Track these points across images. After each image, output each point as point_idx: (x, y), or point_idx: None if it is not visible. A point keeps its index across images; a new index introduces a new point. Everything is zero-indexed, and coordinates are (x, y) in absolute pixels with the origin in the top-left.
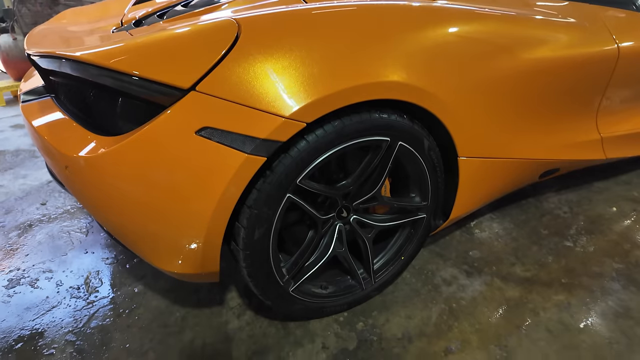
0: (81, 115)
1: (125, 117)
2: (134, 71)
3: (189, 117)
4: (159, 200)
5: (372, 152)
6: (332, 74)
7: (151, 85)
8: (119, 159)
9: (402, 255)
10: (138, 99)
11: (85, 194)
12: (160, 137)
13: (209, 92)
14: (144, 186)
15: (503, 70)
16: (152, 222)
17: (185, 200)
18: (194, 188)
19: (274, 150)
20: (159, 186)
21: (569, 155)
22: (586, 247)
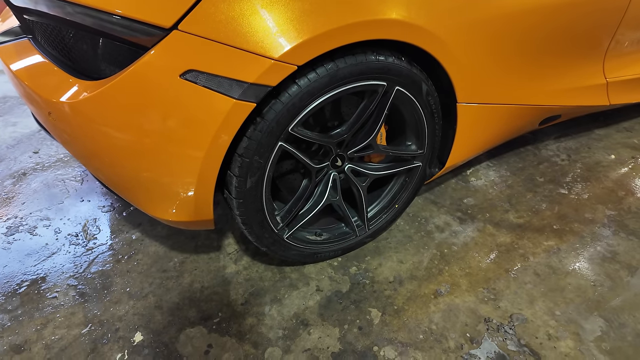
0: (61, 58)
1: (108, 60)
2: (114, 9)
3: (173, 58)
4: (147, 147)
5: (368, 97)
6: (326, 11)
7: (132, 25)
8: (102, 103)
9: (396, 204)
10: (119, 39)
11: (72, 142)
12: (144, 81)
13: (192, 31)
14: (130, 132)
15: (507, 7)
16: (141, 169)
17: (174, 146)
18: (182, 134)
19: (264, 96)
20: (146, 132)
21: (572, 101)
22: (580, 194)
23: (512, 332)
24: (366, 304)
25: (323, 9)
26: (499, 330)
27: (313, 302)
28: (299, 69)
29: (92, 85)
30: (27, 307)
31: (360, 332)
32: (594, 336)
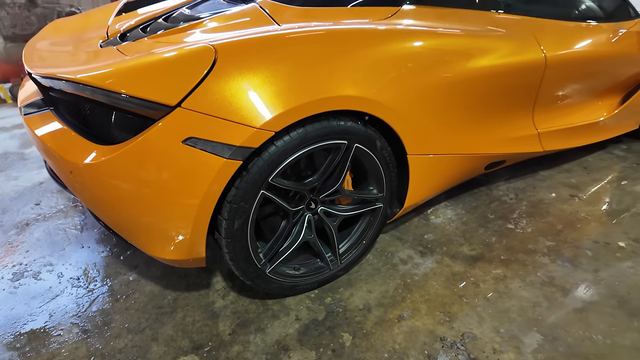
0: (80, 126)
1: (121, 128)
2: (127, 91)
3: (176, 128)
4: (152, 198)
5: (333, 152)
6: (297, 90)
7: (143, 102)
8: (118, 164)
9: (364, 240)
10: (132, 113)
11: (88, 195)
12: (153, 146)
13: (193, 108)
14: (139, 186)
15: (442, 79)
16: (147, 216)
17: (175, 197)
18: (182, 187)
19: (248, 155)
20: (153, 186)
21: (510, 149)
22: (525, 228)
23: (463, 348)
24: (339, 330)
25: (295, 89)
26: (452, 347)
27: (292, 330)
28: (276, 134)
29: (108, 149)
30: (34, 344)
31: (334, 353)
32: (532, 349)
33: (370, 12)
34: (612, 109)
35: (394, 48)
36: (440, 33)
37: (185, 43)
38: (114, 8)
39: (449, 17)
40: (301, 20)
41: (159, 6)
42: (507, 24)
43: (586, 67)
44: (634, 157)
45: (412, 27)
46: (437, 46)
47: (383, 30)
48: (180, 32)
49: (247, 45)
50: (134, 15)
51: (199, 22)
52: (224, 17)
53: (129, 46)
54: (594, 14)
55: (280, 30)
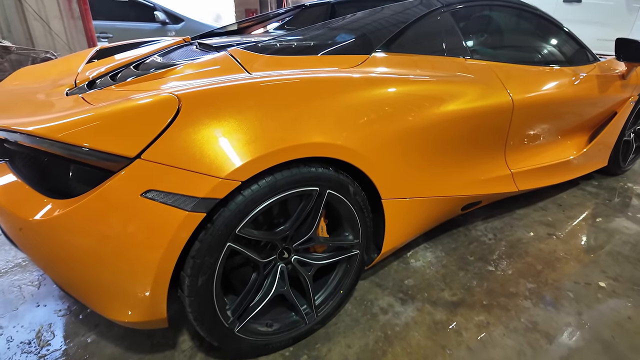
0: (34, 179)
1: (78, 181)
2: (84, 143)
3: (135, 181)
4: (109, 256)
5: (305, 199)
6: (264, 138)
7: (101, 155)
8: (72, 220)
9: (341, 289)
10: (89, 165)
11: (40, 253)
12: (110, 199)
13: (153, 159)
14: (95, 243)
15: (412, 124)
16: (102, 275)
17: (133, 254)
18: (140, 243)
19: (213, 206)
20: (109, 243)
21: (485, 190)
22: (505, 270)
23: None
24: None
25: (261, 137)
26: None
27: None
28: (243, 183)
29: (62, 203)
30: None
31: None
32: None
33: (340, 60)
34: (581, 148)
35: (363, 95)
36: (409, 79)
37: (150, 92)
38: (86, 55)
39: (418, 63)
40: (272, 68)
41: (132, 53)
42: (474, 69)
43: (552, 108)
44: (605, 194)
45: (381, 74)
46: (406, 92)
47: (351, 77)
48: (148, 79)
49: (212, 95)
50: (106, 62)
51: (168, 70)
52: (194, 65)
53: (95, 94)
54: (556, 58)
55: (248, 79)
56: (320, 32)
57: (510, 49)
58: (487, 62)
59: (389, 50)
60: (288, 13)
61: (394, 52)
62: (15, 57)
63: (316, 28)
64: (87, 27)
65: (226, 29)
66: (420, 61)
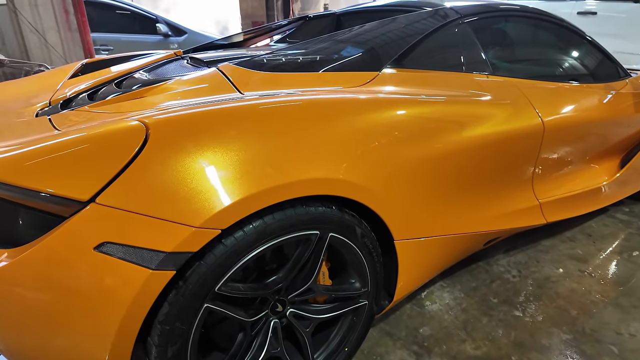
0: None
1: (28, 226)
2: (25, 184)
3: (88, 231)
4: (56, 321)
5: (302, 245)
6: (249, 175)
7: (47, 197)
8: (12, 275)
9: (346, 346)
10: (35, 209)
11: None
12: (58, 252)
13: (110, 204)
14: (39, 305)
15: (428, 152)
16: (48, 344)
17: (85, 320)
18: (94, 307)
19: (185, 261)
20: (57, 305)
21: (510, 224)
22: (535, 315)
23: None
24: None
25: (247, 174)
26: None
27: None
28: (224, 231)
29: (10, 253)
30: None
31: None
32: None
33: (345, 78)
34: (614, 172)
35: (370, 119)
36: (423, 101)
37: (117, 116)
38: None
39: (434, 81)
40: (267, 87)
41: (118, 68)
42: (498, 87)
43: (584, 130)
44: (638, 222)
45: (391, 94)
46: (420, 115)
47: (357, 99)
48: (127, 99)
49: (188, 121)
50: (89, 77)
51: (150, 88)
52: (180, 83)
53: (65, 116)
54: (585, 74)
55: (233, 102)
56: (323, 46)
57: (537, 63)
58: (512, 78)
59: (401, 67)
60: (291, 25)
61: (406, 68)
62: (8, 71)
63: (319, 41)
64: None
65: (224, 41)
66: (436, 78)
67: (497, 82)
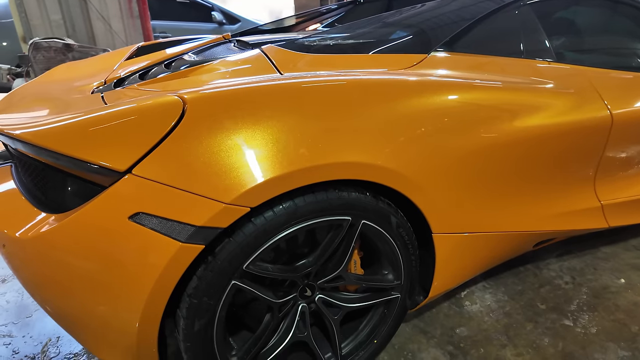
0: (31, 188)
1: (70, 194)
2: (69, 152)
3: (123, 201)
4: (92, 285)
5: (334, 230)
6: (282, 155)
7: (89, 166)
8: (55, 239)
9: (375, 339)
10: (79, 177)
11: (22, 272)
12: (96, 220)
13: (145, 175)
14: (78, 269)
15: (478, 141)
16: (86, 306)
17: (118, 286)
18: (126, 275)
19: (214, 237)
20: (93, 271)
21: (566, 225)
22: (588, 327)
23: None
24: None
25: (280, 154)
26: None
27: None
28: (254, 210)
29: (50, 219)
30: None
31: None
32: None
33: (392, 60)
34: None
35: (414, 103)
36: (476, 85)
37: (159, 93)
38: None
39: (489, 66)
40: (309, 68)
41: (169, 51)
42: (561, 75)
43: None
44: None
45: (440, 77)
46: (471, 101)
47: (403, 80)
48: (174, 78)
49: (225, 98)
50: (143, 59)
51: (196, 68)
52: (224, 64)
53: (116, 93)
54: None
55: (273, 81)
56: (369, 28)
57: (608, 51)
58: (579, 66)
59: (453, 50)
60: (341, 9)
61: (458, 52)
62: (77, 55)
63: (366, 23)
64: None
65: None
66: (491, 64)
67: (561, 69)
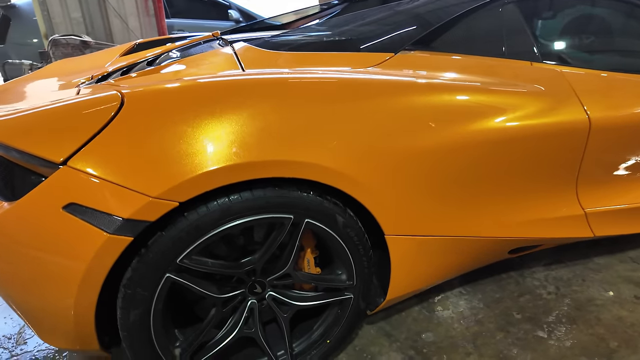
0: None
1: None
2: (12, 143)
3: (58, 191)
4: (31, 274)
5: (277, 229)
6: (213, 151)
7: (30, 157)
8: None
9: (328, 339)
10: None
11: None
12: (33, 208)
13: (79, 167)
14: (18, 257)
15: (437, 145)
16: (26, 294)
17: (53, 274)
18: (60, 264)
19: (143, 230)
20: (32, 259)
21: (544, 233)
22: (562, 340)
23: None
24: None
25: (207, 151)
26: None
27: None
28: (188, 203)
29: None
30: None
31: None
32: None
33: (357, 59)
34: None
35: (365, 103)
36: (436, 85)
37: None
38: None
39: (458, 66)
40: (274, 66)
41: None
42: (536, 76)
43: None
44: None
45: (399, 77)
46: (429, 101)
47: (356, 80)
48: (145, 74)
49: (164, 94)
50: (135, 56)
51: (167, 65)
52: (195, 61)
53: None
54: None
55: (219, 77)
56: (346, 27)
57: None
58: (557, 67)
59: (426, 49)
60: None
61: (430, 51)
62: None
63: (342, 21)
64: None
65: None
66: (463, 63)
67: (538, 70)
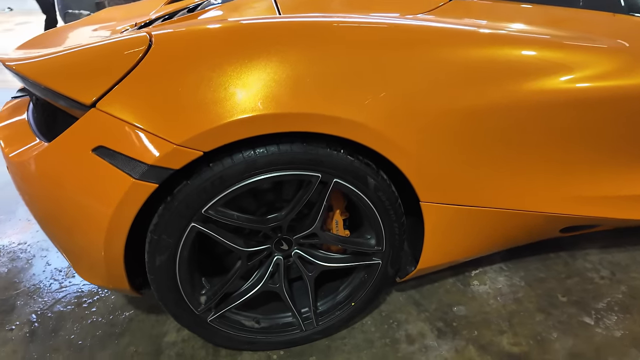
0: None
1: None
2: (45, 83)
3: (89, 133)
4: (67, 214)
5: (304, 186)
6: (240, 101)
7: (61, 98)
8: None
9: (353, 301)
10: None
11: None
12: (66, 150)
13: (108, 110)
14: (57, 197)
15: (487, 105)
16: (65, 233)
17: (85, 217)
18: (90, 207)
19: (167, 177)
20: (67, 199)
21: (605, 212)
22: (611, 329)
23: None
24: None
25: (233, 99)
26: None
27: None
28: (207, 155)
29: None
30: None
31: None
32: None
33: (409, 4)
34: None
35: (407, 53)
36: (502, 36)
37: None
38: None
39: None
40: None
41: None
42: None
43: None
44: None
45: (451, 25)
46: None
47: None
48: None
49: (193, 37)
50: (179, 4)
51: (205, 11)
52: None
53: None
54: None
55: (252, 20)
56: None
57: None
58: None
59: None
60: None
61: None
62: None
63: None
64: None
65: None
66: (531, 12)
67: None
